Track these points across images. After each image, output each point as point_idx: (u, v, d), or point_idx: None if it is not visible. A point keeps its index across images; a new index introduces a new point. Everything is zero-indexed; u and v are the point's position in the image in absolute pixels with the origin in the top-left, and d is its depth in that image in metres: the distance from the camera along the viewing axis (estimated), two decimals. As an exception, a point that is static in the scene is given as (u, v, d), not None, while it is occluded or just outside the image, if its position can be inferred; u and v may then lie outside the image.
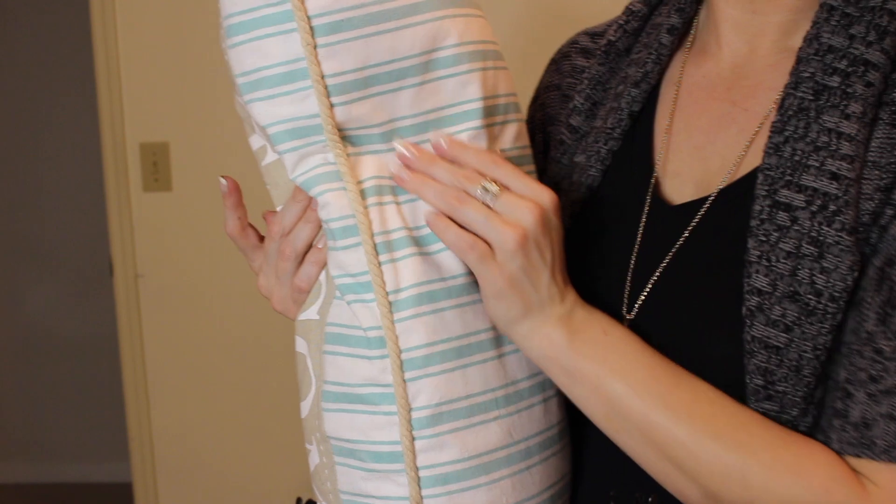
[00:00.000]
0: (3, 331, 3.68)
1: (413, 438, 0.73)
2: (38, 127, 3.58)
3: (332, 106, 0.70)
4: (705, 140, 0.80)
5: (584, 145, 0.86)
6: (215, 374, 2.48)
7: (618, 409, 0.71)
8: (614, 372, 0.71)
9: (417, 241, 0.72)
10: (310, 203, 0.76)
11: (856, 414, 0.67)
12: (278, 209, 0.80)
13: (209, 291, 2.45)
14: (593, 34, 0.92)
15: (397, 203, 0.72)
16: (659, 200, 0.80)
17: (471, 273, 0.73)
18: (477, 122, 0.74)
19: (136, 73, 2.40)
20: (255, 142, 0.81)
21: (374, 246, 0.70)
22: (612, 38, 0.88)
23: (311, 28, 0.69)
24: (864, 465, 0.67)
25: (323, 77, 0.70)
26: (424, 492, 0.73)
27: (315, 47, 0.69)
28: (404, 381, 0.73)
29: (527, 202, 0.69)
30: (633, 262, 0.79)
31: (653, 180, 0.80)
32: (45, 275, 3.64)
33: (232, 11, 0.71)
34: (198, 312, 2.46)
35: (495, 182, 0.70)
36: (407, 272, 0.71)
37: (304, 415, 0.79)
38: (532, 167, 0.81)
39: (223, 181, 0.82)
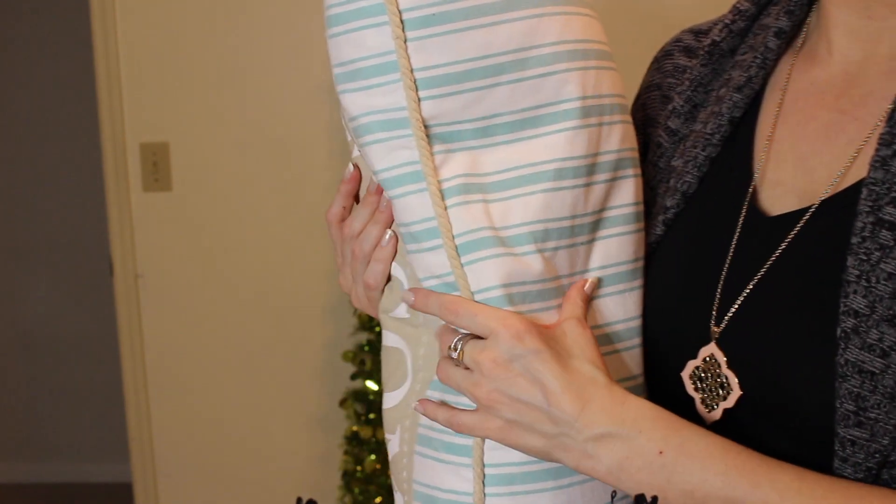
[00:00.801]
0: (3, 331, 3.68)
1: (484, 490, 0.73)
2: (38, 127, 3.58)
3: (419, 100, 0.70)
4: (811, 149, 0.76)
5: (681, 149, 0.84)
6: (215, 374, 2.48)
7: None
8: (682, 493, 0.66)
9: (504, 242, 0.71)
10: (378, 206, 0.78)
11: None
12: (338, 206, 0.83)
13: (209, 291, 2.45)
14: (698, 32, 0.89)
15: (486, 202, 0.71)
16: (756, 210, 0.77)
17: (560, 277, 0.73)
18: (574, 122, 0.72)
19: (136, 73, 2.40)
20: (349, 135, 0.82)
21: (456, 248, 0.70)
22: (717, 39, 0.85)
23: (402, 21, 0.70)
24: None
25: (412, 70, 0.70)
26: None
27: (405, 41, 0.70)
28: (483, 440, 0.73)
29: (485, 352, 0.68)
30: (724, 273, 0.76)
31: (751, 189, 0.77)
32: (45, 275, 3.64)
33: (332, 2, 0.72)
34: (198, 312, 2.46)
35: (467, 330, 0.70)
36: (490, 272, 0.70)
37: (390, 406, 0.81)
38: (638, 170, 0.80)
39: (350, 167, 0.83)
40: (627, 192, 0.77)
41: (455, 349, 0.69)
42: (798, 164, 0.76)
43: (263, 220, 2.36)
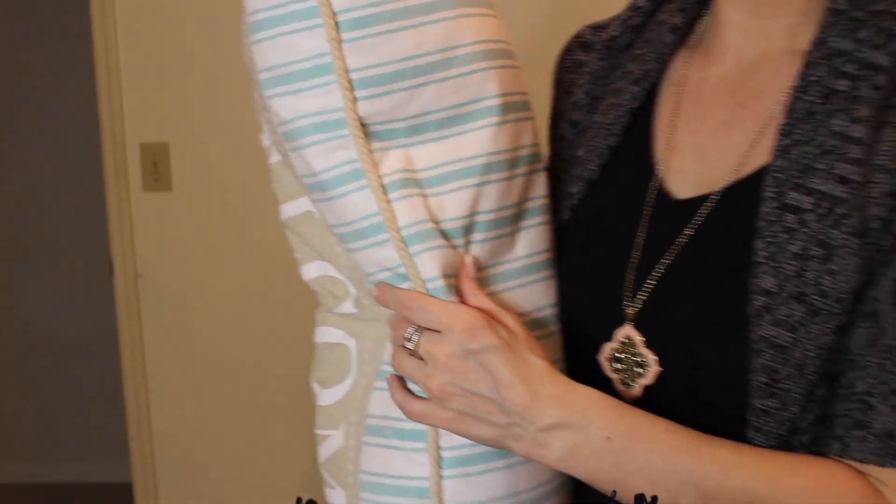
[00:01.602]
0: (3, 331, 3.68)
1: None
2: (38, 127, 3.58)
3: (355, 100, 0.72)
4: (709, 140, 0.80)
5: (583, 140, 0.87)
6: (215, 374, 2.48)
7: (656, 484, 0.70)
8: (630, 475, 0.70)
9: (443, 234, 0.73)
10: None
11: (879, 425, 0.68)
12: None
13: (209, 291, 2.45)
14: (597, 27, 0.93)
15: (423, 196, 0.73)
16: (663, 195, 0.80)
17: (499, 265, 0.76)
18: (497, 118, 0.75)
19: (136, 73, 2.39)
20: (264, 140, 0.83)
21: (403, 239, 0.72)
22: (615, 33, 0.89)
23: (337, 23, 0.71)
24: (886, 473, 0.68)
25: (347, 71, 0.71)
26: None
27: (340, 42, 0.71)
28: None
29: (439, 346, 0.70)
30: (635, 254, 0.79)
31: (656, 176, 0.81)
32: (45, 275, 3.64)
33: (258, 7, 0.73)
34: (198, 312, 2.46)
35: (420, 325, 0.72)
36: (434, 263, 0.72)
37: (330, 402, 0.82)
38: (544, 164, 0.83)
39: None
40: (541, 185, 0.81)
41: (410, 339, 0.72)
42: (698, 154, 0.80)
43: (263, 219, 2.36)
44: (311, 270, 0.84)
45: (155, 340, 2.49)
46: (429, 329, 0.72)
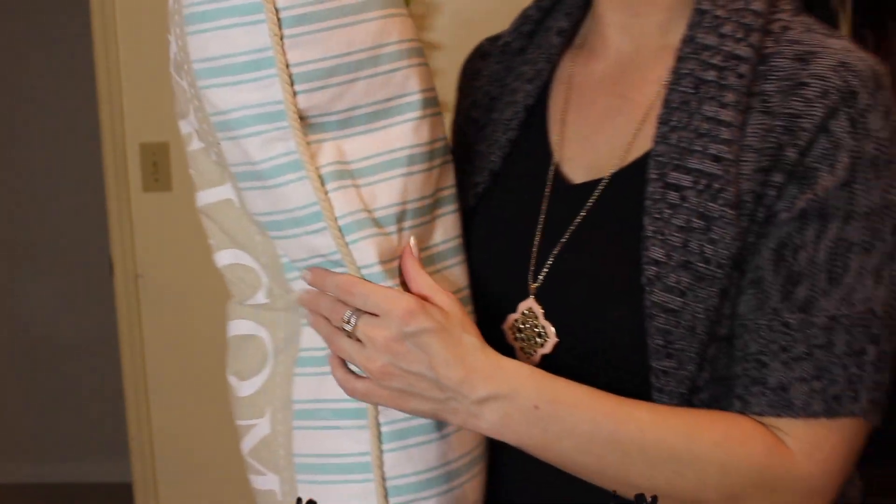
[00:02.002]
0: (3, 331, 3.68)
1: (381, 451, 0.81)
2: (38, 127, 3.58)
3: (294, 94, 0.75)
4: (595, 129, 0.89)
5: (484, 135, 0.95)
6: (215, 374, 2.47)
7: (579, 450, 0.76)
8: (558, 439, 0.75)
9: (376, 222, 0.78)
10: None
11: (773, 380, 0.76)
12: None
13: (209, 291, 2.45)
14: (493, 39, 1.02)
15: (356, 186, 0.77)
16: (560, 181, 0.88)
17: (423, 251, 0.81)
18: (418, 113, 0.81)
19: (136, 73, 2.40)
20: (184, 127, 0.86)
21: (340, 228, 0.76)
22: (508, 40, 0.98)
23: (279, 20, 0.74)
24: (783, 423, 0.76)
25: (288, 66, 0.74)
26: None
27: (282, 38, 0.74)
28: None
29: (378, 329, 0.75)
30: (538, 236, 0.87)
31: (553, 164, 0.89)
32: (45, 275, 3.64)
33: (194, 0, 0.75)
34: (198, 312, 2.46)
35: (358, 308, 0.76)
36: (370, 251, 0.77)
37: (250, 392, 0.86)
38: (451, 157, 0.89)
39: None
40: (451, 175, 0.87)
41: (348, 322, 0.76)
42: (587, 142, 0.89)
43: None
44: (225, 258, 0.88)
45: (155, 340, 2.49)
46: (366, 313, 0.76)
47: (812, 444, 0.76)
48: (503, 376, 0.75)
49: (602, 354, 0.80)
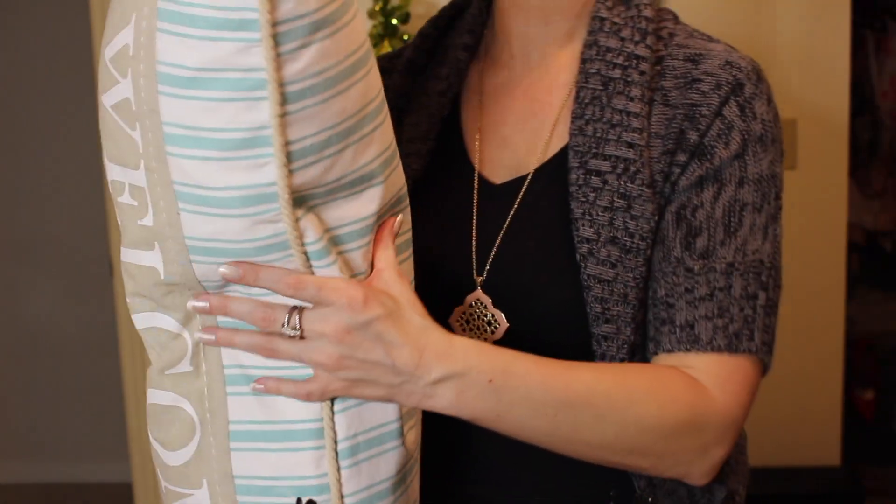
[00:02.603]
0: (3, 331, 3.68)
1: (339, 469, 0.77)
2: (39, 127, 3.58)
3: (290, 174, 0.69)
4: (513, 132, 0.96)
5: (399, 149, 0.95)
6: (215, 374, 2.48)
7: (535, 420, 0.80)
8: (512, 406, 0.79)
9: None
10: None
11: (680, 318, 0.86)
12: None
13: (209, 291, 2.45)
14: (391, 57, 1.07)
15: (340, 254, 0.75)
16: (485, 182, 0.95)
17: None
18: (393, 166, 0.78)
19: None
20: (116, 173, 0.76)
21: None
22: (411, 56, 1.03)
23: (284, 95, 0.68)
24: (692, 358, 0.85)
25: (287, 144, 0.69)
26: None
27: (283, 116, 0.68)
28: (333, 412, 0.77)
29: (327, 322, 0.73)
30: (473, 234, 0.93)
31: (476, 168, 0.96)
32: (45, 275, 3.64)
33: (205, 65, 0.67)
34: (198, 312, 2.46)
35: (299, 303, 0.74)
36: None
37: (181, 462, 0.81)
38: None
39: None
40: (402, 176, 0.83)
41: (292, 325, 0.74)
42: (506, 144, 0.96)
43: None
44: (144, 320, 0.81)
45: (155, 340, 2.48)
46: (300, 310, 0.74)
47: (722, 378, 0.84)
48: (456, 354, 0.77)
49: (549, 333, 0.88)
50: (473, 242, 0.93)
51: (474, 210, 0.94)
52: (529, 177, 0.93)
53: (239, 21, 0.66)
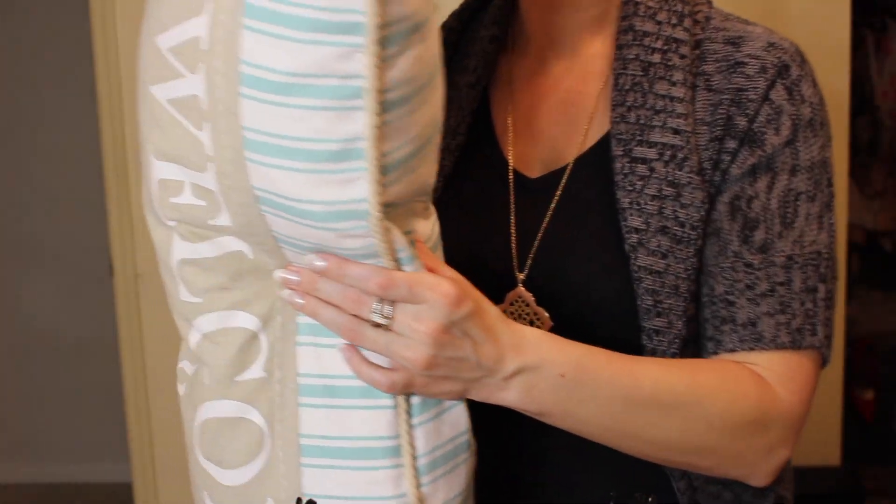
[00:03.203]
0: (3, 331, 3.68)
1: (419, 486, 0.73)
2: (38, 127, 3.58)
3: (384, 189, 0.65)
4: (547, 123, 0.93)
5: None
6: (215, 374, 2.48)
7: (604, 415, 0.78)
8: (581, 403, 0.77)
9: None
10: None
11: (741, 317, 0.83)
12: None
13: (209, 291, 2.45)
14: None
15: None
16: (521, 177, 0.92)
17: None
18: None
19: (136, 74, 2.39)
20: (166, 170, 0.71)
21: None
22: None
23: (382, 104, 0.62)
24: (755, 356, 0.83)
25: (381, 157, 0.63)
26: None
27: (379, 127, 0.63)
28: (411, 427, 0.73)
29: (422, 320, 0.69)
30: (512, 230, 0.90)
31: (510, 162, 0.93)
32: (45, 275, 3.64)
33: (296, 70, 0.61)
34: (198, 312, 2.46)
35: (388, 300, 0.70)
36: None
37: (239, 482, 0.75)
38: None
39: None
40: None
41: (385, 314, 0.70)
42: (540, 138, 0.93)
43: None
44: (217, 321, 0.74)
45: (155, 340, 2.48)
46: (398, 301, 0.70)
47: (785, 375, 0.83)
48: (529, 347, 0.75)
49: (597, 329, 0.84)
50: (513, 239, 0.90)
51: (511, 206, 0.91)
52: (569, 168, 0.90)
53: (344, 24, 0.60)
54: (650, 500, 0.87)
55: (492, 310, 0.74)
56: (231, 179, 0.66)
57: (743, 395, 0.80)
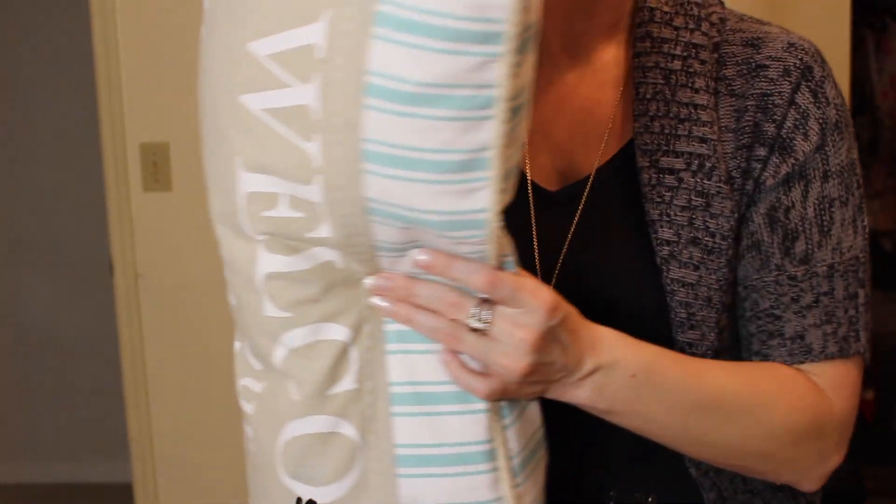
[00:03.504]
0: (3, 330, 3.68)
1: (516, 486, 0.72)
2: (38, 127, 3.58)
3: (503, 199, 0.64)
4: (564, 134, 0.89)
5: None
6: (215, 374, 2.48)
7: (677, 417, 0.78)
8: (649, 403, 0.76)
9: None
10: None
11: (789, 330, 0.82)
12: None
13: (209, 291, 2.45)
14: None
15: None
16: (540, 190, 0.88)
17: None
18: None
19: (136, 73, 2.40)
20: (258, 183, 0.69)
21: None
22: None
23: (510, 112, 0.62)
24: (804, 367, 0.82)
25: (504, 165, 0.63)
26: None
27: (508, 135, 0.62)
28: (504, 428, 0.72)
29: (522, 327, 0.68)
30: (535, 246, 0.86)
31: (528, 176, 0.88)
32: (46, 274, 3.64)
33: (431, 80, 0.60)
34: (198, 312, 2.46)
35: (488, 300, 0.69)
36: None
37: (328, 501, 0.73)
38: None
39: None
40: None
41: (483, 319, 0.68)
42: (558, 151, 0.89)
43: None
44: (306, 335, 0.72)
45: (155, 340, 2.49)
46: (489, 304, 0.69)
47: (837, 384, 0.82)
48: (602, 346, 0.74)
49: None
50: (536, 255, 0.86)
51: (532, 221, 0.87)
52: (591, 181, 0.86)
53: (483, 33, 0.59)
54: (650, 500, 0.86)
55: (574, 311, 0.73)
56: (343, 191, 0.64)
57: (800, 402, 0.80)
